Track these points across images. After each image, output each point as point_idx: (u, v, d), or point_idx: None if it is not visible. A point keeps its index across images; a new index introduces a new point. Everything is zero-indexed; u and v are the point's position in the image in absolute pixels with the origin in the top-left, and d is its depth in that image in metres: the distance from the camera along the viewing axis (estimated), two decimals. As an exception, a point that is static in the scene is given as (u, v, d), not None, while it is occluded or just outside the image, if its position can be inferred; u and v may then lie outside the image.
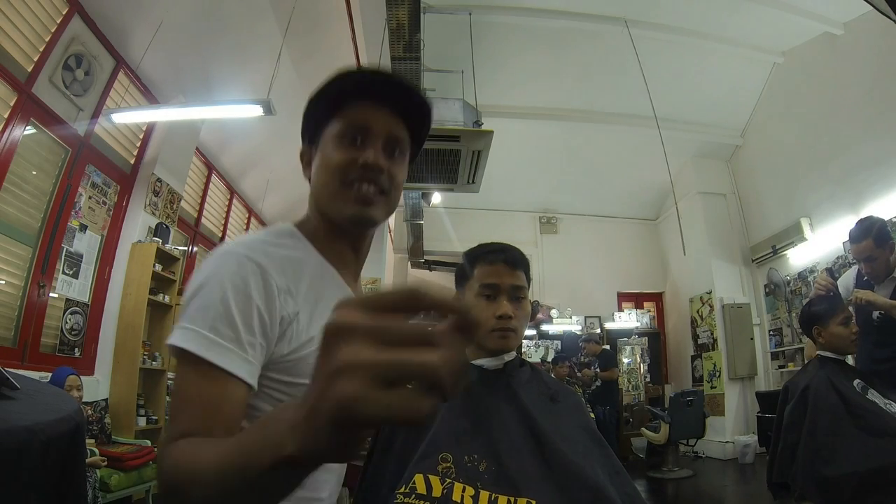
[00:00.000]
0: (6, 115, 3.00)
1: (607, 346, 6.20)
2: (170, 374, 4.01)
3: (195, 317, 0.54)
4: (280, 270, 0.60)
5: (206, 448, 0.42)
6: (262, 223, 7.17)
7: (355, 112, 0.68)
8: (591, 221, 7.87)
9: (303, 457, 0.31)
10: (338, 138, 0.68)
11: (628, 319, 7.09)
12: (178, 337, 0.53)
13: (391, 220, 6.61)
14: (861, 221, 2.06)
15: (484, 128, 3.40)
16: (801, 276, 5.35)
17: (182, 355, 0.52)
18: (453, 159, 3.59)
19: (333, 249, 0.71)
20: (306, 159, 0.75)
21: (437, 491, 0.77)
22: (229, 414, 0.52)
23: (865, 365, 1.98)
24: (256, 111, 3.13)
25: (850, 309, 2.02)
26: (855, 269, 2.22)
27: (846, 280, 2.21)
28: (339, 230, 0.70)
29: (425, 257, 7.50)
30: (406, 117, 0.70)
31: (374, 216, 0.68)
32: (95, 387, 3.57)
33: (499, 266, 0.95)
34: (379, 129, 0.68)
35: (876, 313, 1.97)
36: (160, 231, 4.22)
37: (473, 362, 0.98)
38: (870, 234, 1.99)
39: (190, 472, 0.41)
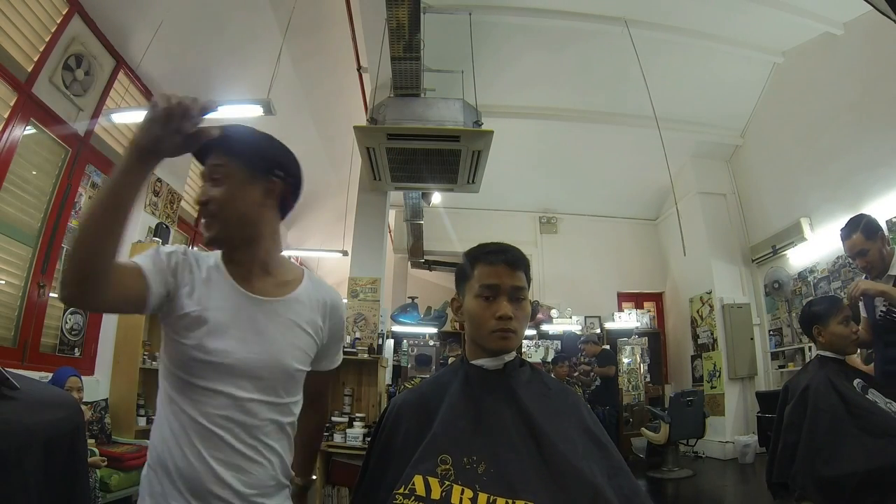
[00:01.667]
0: (6, 115, 3.00)
1: (607, 346, 6.20)
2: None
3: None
4: (187, 255, 0.92)
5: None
6: (262, 223, 7.15)
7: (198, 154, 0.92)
8: (591, 221, 7.86)
9: (140, 142, 0.74)
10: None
11: (628, 319, 7.09)
12: None
13: (391, 219, 6.62)
14: (850, 219, 2.08)
15: (484, 128, 3.40)
16: (801, 276, 5.35)
17: None
18: (453, 159, 3.59)
19: (226, 262, 0.94)
20: None
21: (435, 493, 0.77)
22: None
23: (880, 367, 1.98)
24: (256, 111, 3.13)
25: (864, 314, 2.03)
26: (862, 277, 2.22)
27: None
28: (224, 250, 0.96)
29: (425, 257, 7.51)
30: (229, 151, 0.91)
31: (210, 237, 0.92)
32: (95, 387, 3.57)
33: (499, 267, 0.95)
34: (205, 169, 0.92)
35: (879, 312, 1.97)
36: (160, 231, 4.22)
37: (473, 362, 0.98)
38: (858, 227, 2.01)
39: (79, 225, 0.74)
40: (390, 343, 5.24)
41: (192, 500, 0.80)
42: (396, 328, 5.61)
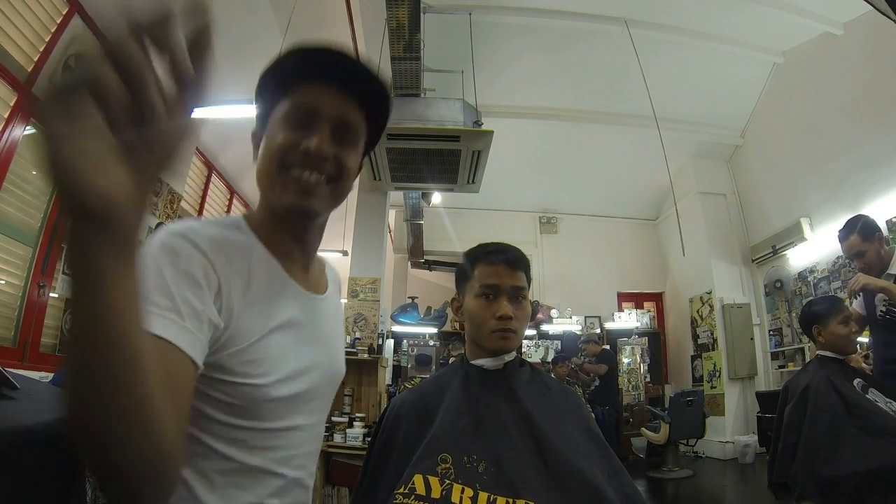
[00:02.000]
0: (6, 115, 3.00)
1: (607, 346, 6.20)
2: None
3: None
4: (215, 249, 0.56)
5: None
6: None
7: (305, 92, 0.63)
8: (591, 221, 7.87)
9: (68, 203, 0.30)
10: (283, 120, 0.63)
11: (628, 319, 7.09)
12: None
13: (391, 219, 6.60)
14: (847, 221, 2.08)
15: (484, 128, 3.40)
16: (801, 276, 5.35)
17: None
18: (453, 159, 3.59)
19: (277, 241, 0.65)
20: (255, 142, 0.68)
21: (436, 492, 0.77)
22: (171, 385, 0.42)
23: (879, 367, 1.97)
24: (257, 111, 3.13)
25: (857, 308, 2.03)
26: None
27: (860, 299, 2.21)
28: (282, 221, 0.65)
29: (425, 257, 7.50)
30: (362, 102, 0.66)
31: (314, 207, 0.63)
32: (95, 387, 3.56)
33: (499, 266, 0.95)
34: (328, 112, 0.63)
35: (879, 311, 1.97)
36: (160, 231, 4.22)
37: (473, 362, 0.98)
38: (855, 229, 2.02)
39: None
40: (390, 343, 5.24)
41: None
42: (396, 328, 5.61)
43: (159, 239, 0.53)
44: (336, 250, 6.48)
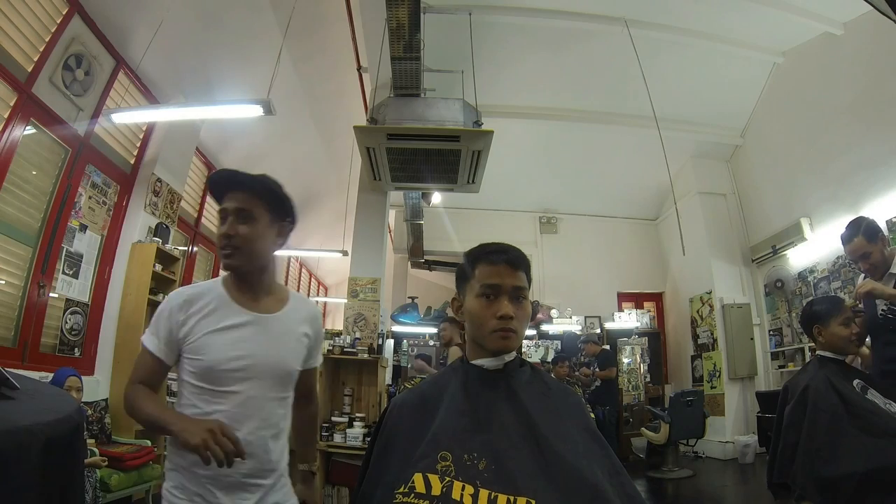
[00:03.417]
0: (6, 115, 3.00)
1: (607, 346, 6.20)
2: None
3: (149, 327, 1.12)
4: (186, 302, 1.10)
5: (146, 401, 1.05)
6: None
7: (222, 199, 1.13)
8: (591, 221, 7.87)
9: (175, 434, 0.96)
10: (219, 218, 1.15)
11: (628, 319, 7.09)
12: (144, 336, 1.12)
13: (391, 219, 6.62)
14: (849, 223, 2.08)
15: (484, 128, 3.40)
16: (801, 276, 5.35)
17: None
18: (453, 159, 3.59)
19: (232, 285, 1.15)
20: None
21: (436, 489, 0.77)
22: (151, 372, 1.10)
23: (878, 367, 1.97)
24: (256, 111, 3.12)
25: (858, 307, 2.02)
26: (861, 276, 2.23)
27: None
28: (233, 275, 1.15)
29: (425, 257, 7.51)
30: (260, 195, 1.12)
31: (232, 265, 1.12)
32: (95, 387, 3.57)
33: (500, 266, 0.95)
34: (230, 207, 1.11)
35: (880, 311, 1.96)
36: (160, 231, 4.22)
37: (474, 362, 0.98)
38: (859, 230, 2.01)
39: (136, 408, 1.03)
40: (390, 343, 5.24)
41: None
42: (396, 328, 5.62)
43: (163, 302, 1.14)
44: (336, 250, 6.48)
